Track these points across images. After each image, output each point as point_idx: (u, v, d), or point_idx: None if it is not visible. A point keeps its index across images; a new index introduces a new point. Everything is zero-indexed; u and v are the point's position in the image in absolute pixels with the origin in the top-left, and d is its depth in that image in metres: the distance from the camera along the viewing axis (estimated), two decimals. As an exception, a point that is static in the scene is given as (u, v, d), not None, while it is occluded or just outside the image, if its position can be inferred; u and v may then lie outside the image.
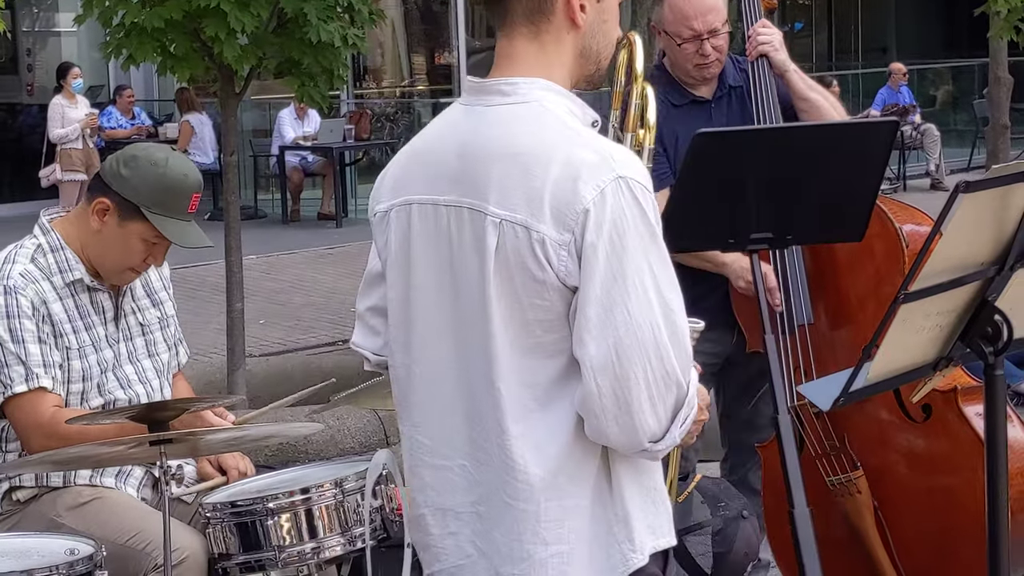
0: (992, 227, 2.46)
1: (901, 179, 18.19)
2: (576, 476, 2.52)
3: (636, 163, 2.48)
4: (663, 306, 2.43)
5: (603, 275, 2.41)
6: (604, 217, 2.41)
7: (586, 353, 2.44)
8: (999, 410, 2.62)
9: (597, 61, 2.61)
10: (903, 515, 4.40)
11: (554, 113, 2.51)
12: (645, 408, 2.43)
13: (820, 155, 3.85)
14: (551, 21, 2.56)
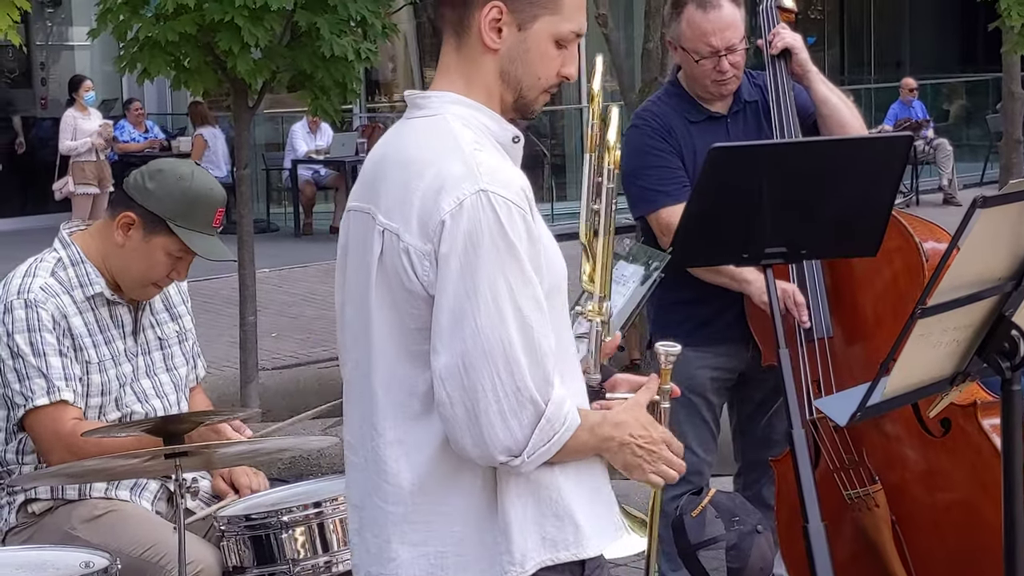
0: (1009, 242, 2.46)
1: (914, 193, 18.18)
2: (452, 482, 2.55)
3: (508, 177, 2.49)
4: (519, 321, 2.44)
5: (455, 286, 2.44)
6: (459, 228, 2.44)
7: (437, 362, 2.47)
8: (1015, 425, 2.62)
9: (518, 89, 2.62)
10: (921, 530, 4.39)
11: (451, 126, 2.55)
12: (495, 421, 2.45)
13: (834, 170, 3.86)
14: (470, 36, 2.60)
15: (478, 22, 2.58)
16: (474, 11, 2.58)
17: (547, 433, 2.48)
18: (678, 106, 4.64)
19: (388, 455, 2.58)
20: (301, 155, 16.63)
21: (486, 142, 2.57)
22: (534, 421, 2.47)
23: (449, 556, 2.57)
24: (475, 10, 2.58)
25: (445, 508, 2.56)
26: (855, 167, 3.88)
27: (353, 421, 2.68)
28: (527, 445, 2.47)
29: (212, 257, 3.89)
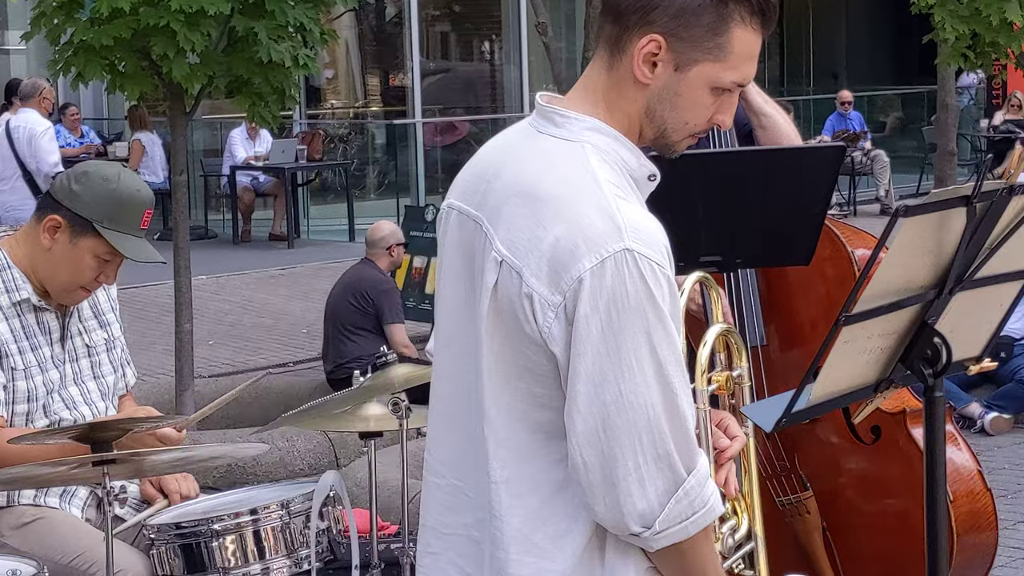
0: (931, 251, 2.48)
1: (851, 204, 18.31)
2: (559, 539, 2.41)
3: (652, 235, 2.33)
4: (663, 387, 2.31)
5: (595, 349, 2.29)
6: (602, 289, 2.28)
7: (573, 427, 2.33)
8: (939, 432, 2.65)
9: (662, 129, 2.44)
10: (852, 537, 4.42)
11: (589, 161, 2.36)
12: (633, 489, 2.32)
13: (768, 179, 3.88)
14: (622, 61, 2.41)
15: (633, 49, 2.39)
16: (632, 36, 2.38)
17: (685, 508, 2.34)
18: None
19: (495, 495, 2.42)
20: (240, 161, 16.55)
21: (623, 182, 2.39)
22: (671, 489, 2.33)
23: None
24: (633, 35, 2.38)
25: (547, 564, 2.41)
26: (789, 177, 3.90)
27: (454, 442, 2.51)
28: (661, 514, 2.33)
29: (140, 259, 3.87)
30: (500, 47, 20.21)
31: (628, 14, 2.37)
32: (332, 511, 3.89)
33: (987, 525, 4.40)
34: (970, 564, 4.38)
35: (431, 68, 19.75)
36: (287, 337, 11.47)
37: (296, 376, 9.68)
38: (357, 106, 20.80)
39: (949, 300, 2.57)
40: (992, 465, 7.47)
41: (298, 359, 10.47)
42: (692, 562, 2.41)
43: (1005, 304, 2.76)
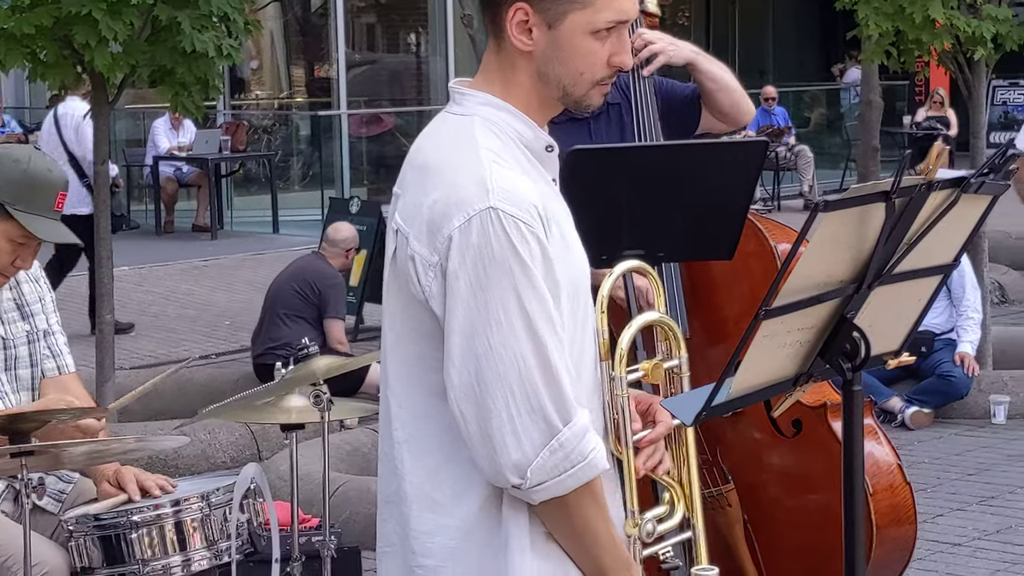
0: (851, 245, 2.49)
1: (775, 199, 18.43)
2: (457, 496, 2.49)
3: (519, 195, 2.42)
4: (534, 341, 2.39)
5: (465, 304, 2.39)
6: (468, 246, 2.39)
7: (451, 381, 2.42)
8: (856, 425, 2.66)
9: (561, 87, 2.55)
10: (773, 529, 4.44)
11: (474, 131, 2.49)
12: (508, 441, 2.40)
13: (692, 173, 3.89)
14: (504, 39, 2.53)
15: (507, 23, 2.51)
16: (502, 12, 2.51)
17: (560, 460, 2.41)
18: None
19: (398, 455, 2.54)
20: (163, 152, 16.42)
21: (509, 152, 2.50)
22: (545, 441, 2.40)
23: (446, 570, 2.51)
24: (503, 11, 2.51)
25: (447, 520, 2.50)
26: (712, 171, 3.92)
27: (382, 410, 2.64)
28: (533, 463, 2.40)
29: (54, 240, 3.83)
30: (426, 39, 20.16)
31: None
32: (253, 504, 3.87)
33: (907, 519, 4.45)
34: (890, 557, 4.42)
35: (357, 60, 19.68)
36: (210, 329, 11.40)
37: (219, 368, 9.63)
38: (282, 97, 20.69)
39: (868, 295, 2.59)
40: (912, 459, 7.54)
41: (221, 351, 10.41)
42: (576, 519, 2.47)
43: (924, 299, 2.78)
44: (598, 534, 2.49)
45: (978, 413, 8.48)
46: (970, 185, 2.57)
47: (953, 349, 8.53)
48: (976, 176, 2.60)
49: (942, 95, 19.47)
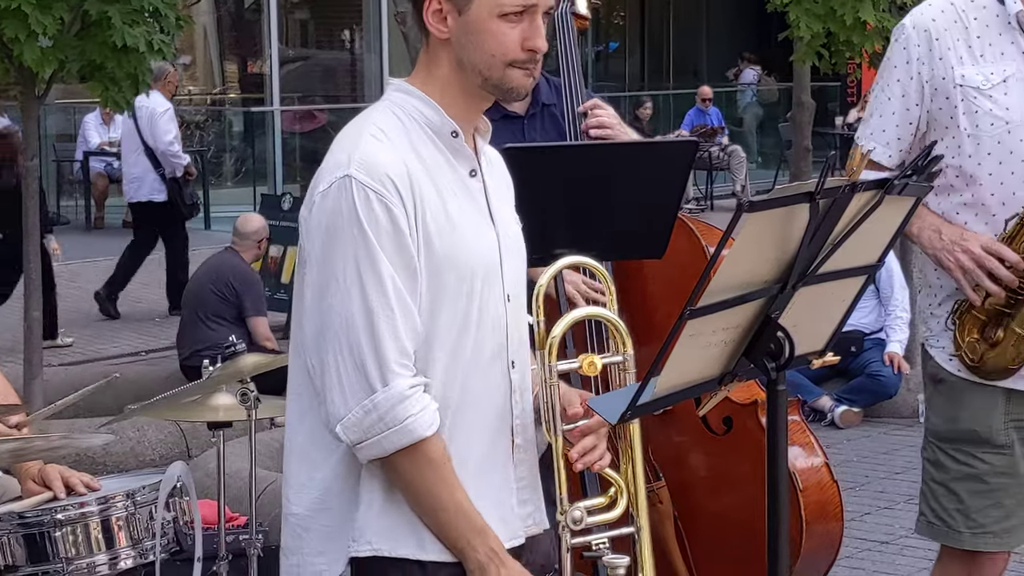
0: (775, 246, 2.51)
1: (708, 199, 18.52)
2: (328, 452, 2.64)
3: (379, 167, 2.57)
4: (364, 305, 2.54)
5: (316, 262, 2.58)
6: (324, 210, 2.57)
7: (304, 335, 2.61)
8: (780, 424, 2.68)
9: (476, 72, 2.67)
10: (703, 526, 4.47)
11: (374, 112, 2.67)
12: (335, 396, 2.57)
13: (623, 173, 3.91)
14: (428, 32, 2.69)
15: (426, 16, 2.66)
16: (421, 5, 2.66)
17: (375, 421, 2.56)
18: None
19: (291, 413, 2.72)
20: (93, 147, 16.27)
21: (405, 132, 2.64)
22: (362, 397, 2.55)
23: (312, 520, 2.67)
24: (422, 4, 2.66)
25: (317, 473, 2.66)
26: (643, 171, 3.93)
27: None
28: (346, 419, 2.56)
29: None
30: (360, 36, 20.11)
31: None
32: (179, 502, 3.85)
33: (834, 515, 4.48)
34: (817, 553, 4.46)
35: (290, 56, 19.61)
36: (141, 326, 11.32)
37: (149, 365, 9.56)
38: (214, 93, 20.57)
39: (793, 295, 2.60)
40: (841, 458, 7.61)
41: (151, 348, 10.33)
42: (412, 484, 2.60)
43: (848, 300, 2.80)
44: (439, 498, 2.60)
45: (906, 412, 8.55)
46: (893, 187, 2.59)
47: (882, 349, 8.61)
48: (899, 178, 2.63)
49: (874, 97, 19.61)
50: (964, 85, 3.59)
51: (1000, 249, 3.56)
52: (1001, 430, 3.67)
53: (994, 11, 3.62)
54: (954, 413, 3.72)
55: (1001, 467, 3.68)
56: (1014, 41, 3.62)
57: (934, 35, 3.62)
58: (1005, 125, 3.58)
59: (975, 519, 3.70)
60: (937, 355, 3.75)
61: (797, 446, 4.47)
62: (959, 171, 3.62)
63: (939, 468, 3.77)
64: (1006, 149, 3.59)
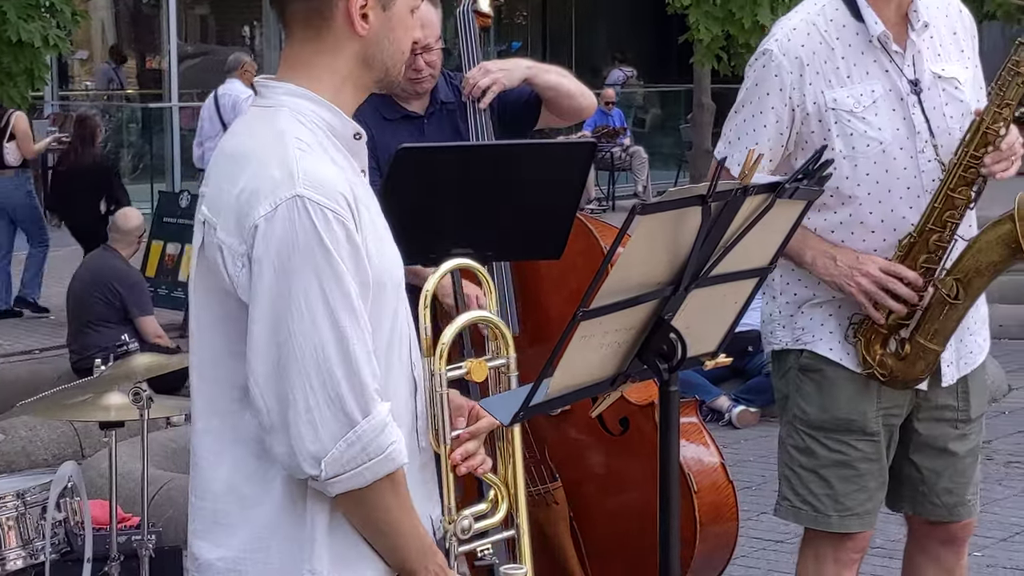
0: (668, 248, 2.52)
1: (610, 199, 18.61)
2: (264, 485, 2.48)
3: (327, 183, 2.42)
4: (336, 332, 2.39)
5: (269, 292, 2.38)
6: (273, 234, 2.38)
7: (253, 370, 2.41)
8: (672, 424, 2.70)
9: (384, 69, 2.58)
10: (598, 526, 4.50)
11: (279, 120, 2.49)
12: (305, 431, 2.39)
13: (519, 173, 3.91)
14: (331, 27, 2.52)
15: (344, 12, 2.51)
16: (337, 2, 2.51)
17: (358, 452, 2.40)
18: (374, 103, 4.61)
19: (199, 446, 2.54)
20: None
21: (317, 141, 2.49)
22: (343, 432, 2.39)
23: (249, 563, 2.50)
24: (336, 2, 2.51)
25: (253, 510, 2.49)
26: (540, 171, 3.93)
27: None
28: (329, 454, 2.39)
29: None
30: (260, 32, 19.99)
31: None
32: (70, 502, 3.81)
33: (729, 516, 4.52)
34: (712, 553, 4.50)
35: (189, 51, 19.44)
36: (34, 324, 11.18)
37: (41, 363, 9.43)
38: (112, 88, 20.36)
39: (685, 297, 2.62)
40: (738, 458, 7.66)
41: (44, 346, 10.20)
42: (375, 513, 2.47)
43: (740, 302, 2.83)
44: (399, 524, 2.50)
45: (802, 412, 8.63)
46: (785, 190, 2.62)
47: (779, 349, 8.67)
48: (790, 182, 2.65)
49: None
50: (837, 108, 3.68)
51: (898, 269, 3.67)
52: (873, 418, 3.80)
53: (854, 30, 3.72)
54: (829, 402, 3.82)
55: (870, 453, 3.82)
56: (877, 60, 3.72)
57: (804, 61, 3.69)
58: (879, 145, 3.68)
59: (843, 503, 3.83)
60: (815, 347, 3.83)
61: (693, 447, 4.51)
62: (835, 191, 3.70)
63: (809, 455, 3.87)
64: (882, 168, 3.69)
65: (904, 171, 3.69)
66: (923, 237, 3.68)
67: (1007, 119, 3.63)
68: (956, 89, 3.75)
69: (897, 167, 3.69)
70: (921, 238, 3.68)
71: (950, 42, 3.81)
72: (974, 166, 3.62)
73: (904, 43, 3.73)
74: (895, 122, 3.69)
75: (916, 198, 3.70)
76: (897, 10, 3.73)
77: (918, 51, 3.73)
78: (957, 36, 3.83)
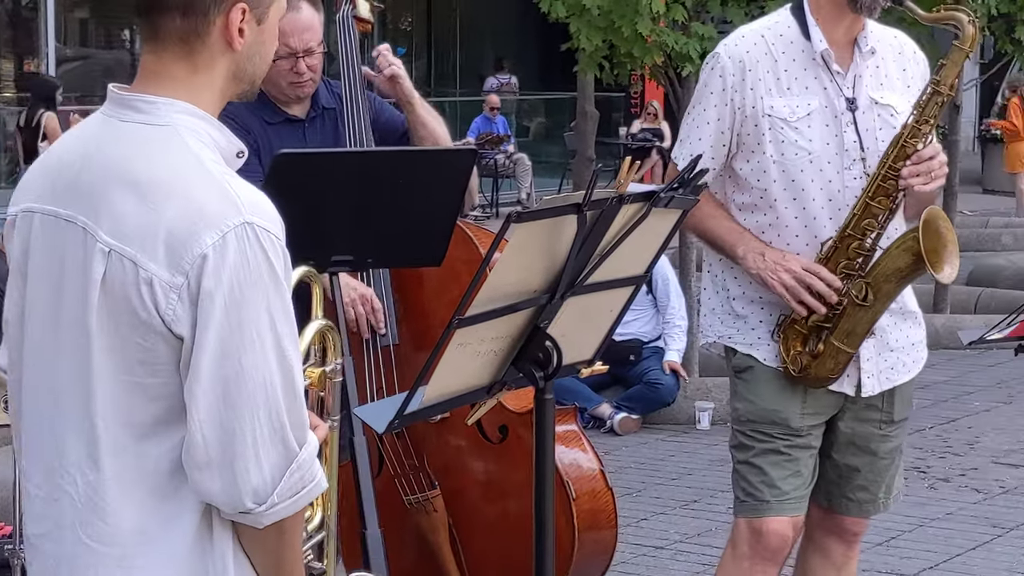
0: (544, 256, 2.54)
1: (494, 207, 18.65)
2: (171, 524, 2.40)
3: (267, 208, 2.35)
4: (281, 361, 2.33)
5: (219, 324, 2.29)
6: (225, 264, 2.28)
7: (195, 403, 2.32)
8: (548, 432, 2.71)
9: (252, 81, 2.51)
10: (477, 533, 4.50)
11: (187, 142, 2.38)
12: (250, 465, 2.32)
13: (400, 180, 3.91)
14: (205, 43, 2.43)
15: (220, 29, 2.42)
16: (213, 19, 2.42)
17: (296, 482, 2.35)
18: (256, 107, 4.59)
19: (104, 489, 2.39)
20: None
21: (221, 160, 2.40)
22: (285, 464, 2.33)
23: None
24: (215, 17, 2.42)
25: (162, 549, 2.40)
26: (421, 178, 3.94)
27: (44, 450, 2.45)
28: (274, 491, 2.33)
29: None
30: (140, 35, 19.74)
31: (199, 1, 2.42)
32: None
33: (607, 523, 4.55)
34: (590, 560, 4.52)
35: (68, 55, 19.18)
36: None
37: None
38: (-10, 91, 20.05)
39: (561, 305, 2.64)
40: (619, 464, 7.71)
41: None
42: (290, 538, 2.44)
43: (616, 309, 2.85)
44: (296, 550, 2.47)
45: (683, 419, 8.72)
46: (660, 199, 2.64)
47: (660, 357, 8.74)
48: (665, 191, 2.68)
49: (656, 108, 19.99)
50: (772, 115, 3.88)
51: (818, 269, 3.86)
52: (796, 415, 3.97)
53: (800, 47, 3.91)
54: (755, 396, 4.00)
55: (798, 443, 3.98)
56: (817, 76, 3.91)
57: (747, 66, 3.89)
58: (808, 155, 3.87)
59: (779, 487, 3.97)
60: (744, 349, 4.02)
61: (572, 454, 4.53)
62: (764, 193, 3.93)
63: (742, 449, 4.04)
64: (808, 177, 3.88)
65: (829, 183, 3.88)
66: (843, 243, 3.86)
67: (926, 135, 3.82)
68: (892, 116, 3.92)
69: (823, 179, 3.88)
70: (842, 244, 3.86)
71: (896, 77, 3.99)
72: (893, 178, 3.80)
73: (848, 65, 3.93)
74: (826, 137, 3.88)
75: (837, 211, 3.89)
76: (846, 33, 3.92)
77: (859, 75, 3.93)
78: (906, 73, 4.00)
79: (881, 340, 3.97)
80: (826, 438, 4.05)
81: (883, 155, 3.83)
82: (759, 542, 3.99)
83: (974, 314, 11.65)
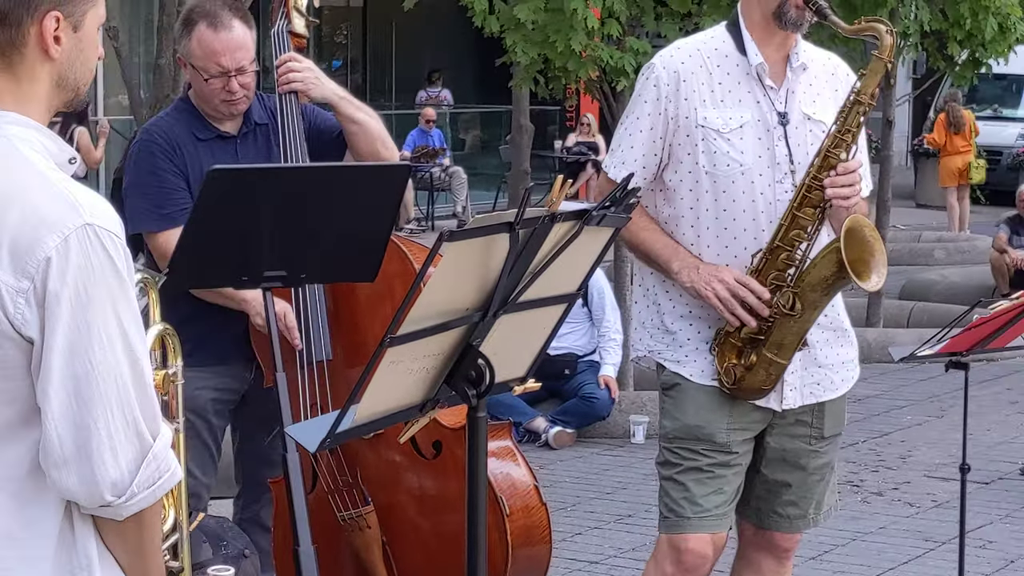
0: (476, 274, 2.54)
1: (429, 220, 18.64)
2: (34, 524, 2.44)
3: (106, 209, 2.42)
4: (130, 357, 2.39)
5: (67, 324, 2.35)
6: (69, 265, 2.35)
7: (48, 403, 2.37)
8: (480, 449, 2.71)
9: (76, 88, 2.54)
10: (410, 550, 4.49)
11: (22, 152, 2.43)
12: (107, 459, 2.38)
13: (334, 195, 3.90)
14: (23, 54, 2.47)
15: (35, 38, 2.45)
16: (27, 28, 2.45)
17: (152, 473, 2.41)
18: (187, 123, 4.58)
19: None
20: None
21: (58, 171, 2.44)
22: (140, 456, 2.39)
23: None
24: (28, 27, 2.45)
25: (28, 551, 2.42)
26: (355, 193, 3.93)
27: None
28: (132, 482, 2.38)
29: None
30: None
31: (12, 12, 2.44)
32: None
33: (541, 539, 4.55)
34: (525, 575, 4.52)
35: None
36: None
37: None
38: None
39: (494, 323, 2.64)
40: (554, 478, 7.71)
41: None
42: (150, 532, 2.49)
43: (548, 327, 2.85)
44: (156, 543, 2.53)
45: (618, 433, 8.73)
46: (592, 217, 2.65)
47: (596, 370, 8.75)
48: (598, 209, 2.68)
49: (591, 120, 20.05)
50: (705, 126, 3.92)
51: (749, 282, 3.89)
52: (722, 430, 3.98)
53: (735, 61, 3.96)
54: (680, 413, 4.02)
55: (721, 460, 3.99)
56: (751, 90, 3.95)
57: (682, 77, 3.93)
58: (740, 167, 3.91)
59: (700, 504, 3.99)
60: (672, 367, 4.04)
61: (505, 470, 4.53)
62: (695, 204, 3.95)
63: (668, 466, 4.05)
64: (739, 189, 3.92)
65: (760, 195, 3.92)
66: (773, 255, 3.89)
67: (848, 145, 3.86)
68: (823, 132, 3.94)
69: (754, 190, 3.92)
70: (772, 256, 3.89)
71: (828, 96, 4.03)
72: (818, 188, 3.84)
73: (781, 80, 3.98)
74: (758, 149, 3.92)
75: (768, 222, 3.92)
76: (779, 49, 3.97)
77: (792, 90, 3.98)
78: (838, 93, 4.02)
79: (809, 355, 4.00)
80: (755, 454, 4.07)
81: (808, 166, 3.87)
82: (679, 559, 4.01)
83: (907, 328, 11.78)
